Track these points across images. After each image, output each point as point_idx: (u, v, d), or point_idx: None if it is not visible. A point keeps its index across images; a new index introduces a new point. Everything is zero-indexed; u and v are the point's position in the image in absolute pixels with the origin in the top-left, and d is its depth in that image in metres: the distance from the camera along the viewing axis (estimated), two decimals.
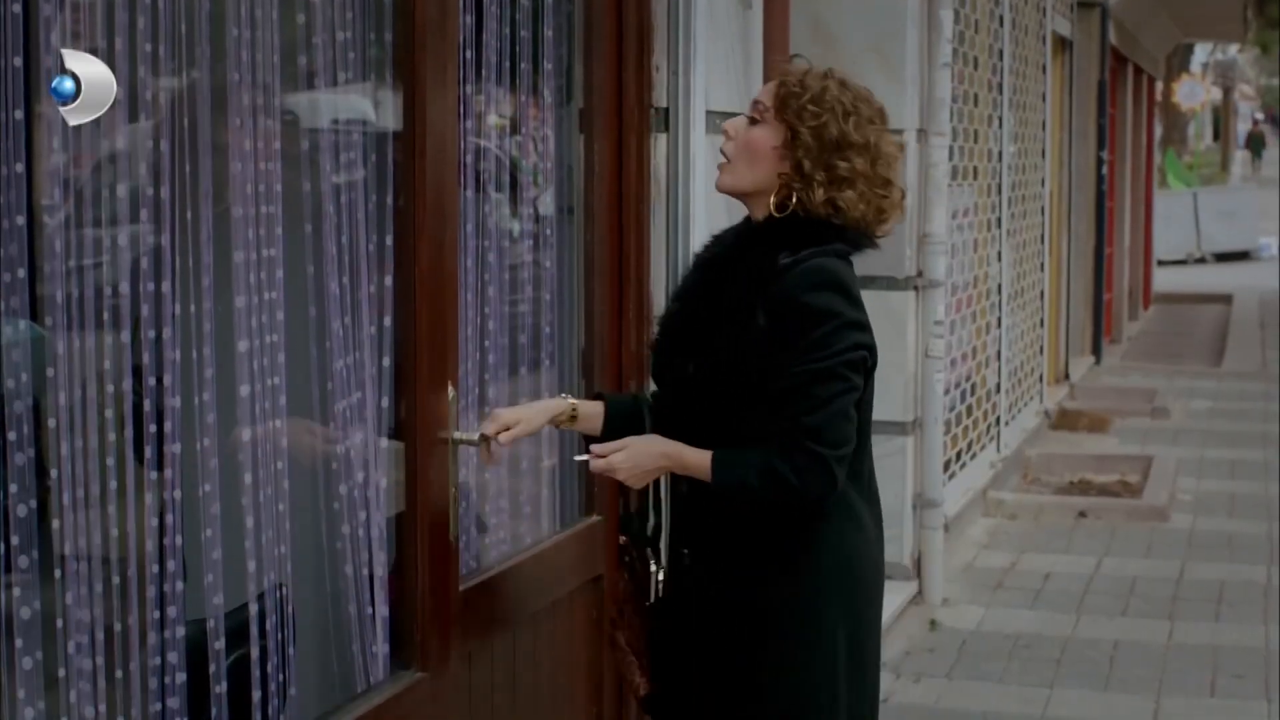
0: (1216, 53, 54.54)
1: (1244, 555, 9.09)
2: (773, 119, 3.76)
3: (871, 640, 4.02)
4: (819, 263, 3.65)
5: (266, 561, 3.67)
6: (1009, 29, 10.29)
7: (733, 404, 3.69)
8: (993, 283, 10.17)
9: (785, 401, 3.60)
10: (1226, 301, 22.66)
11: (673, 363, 3.82)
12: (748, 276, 3.69)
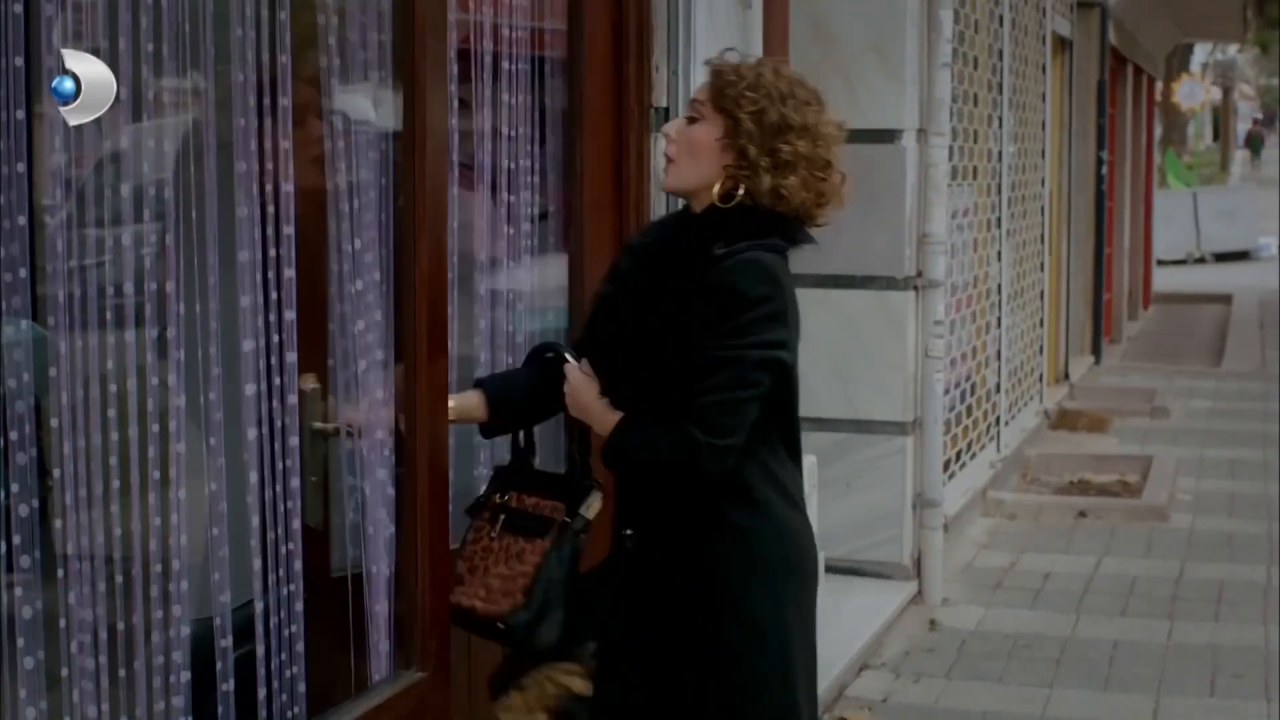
0: (1216, 53, 54.57)
1: (1243, 555, 9.09)
2: (711, 112, 3.76)
3: (811, 621, 4.05)
4: (754, 255, 3.65)
5: (271, 561, 3.68)
6: (1009, 29, 10.29)
7: (653, 389, 3.70)
8: (992, 283, 10.18)
9: (689, 380, 3.61)
10: (1226, 301, 22.66)
11: (600, 347, 3.87)
12: (681, 264, 3.70)
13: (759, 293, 3.62)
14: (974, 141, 9.41)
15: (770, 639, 3.82)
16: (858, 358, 7.87)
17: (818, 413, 7.72)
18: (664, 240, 3.87)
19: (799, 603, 3.92)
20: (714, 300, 3.60)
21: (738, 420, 3.62)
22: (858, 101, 7.73)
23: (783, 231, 3.75)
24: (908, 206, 7.78)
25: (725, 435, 3.60)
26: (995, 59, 10.04)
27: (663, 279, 3.73)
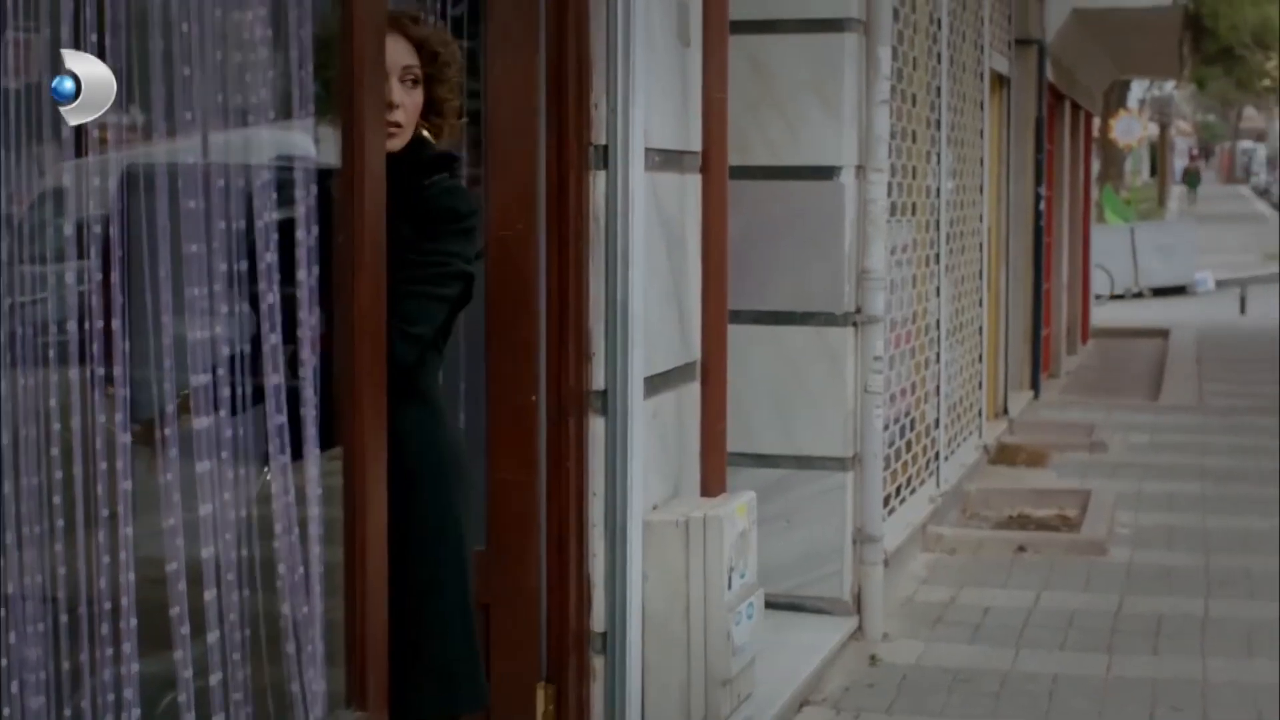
0: (1153, 89, 54.98)
1: (1181, 588, 9.14)
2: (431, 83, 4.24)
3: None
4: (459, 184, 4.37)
5: (223, 597, 3.67)
6: (947, 66, 10.36)
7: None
8: (931, 318, 10.22)
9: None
10: (1164, 336, 22.80)
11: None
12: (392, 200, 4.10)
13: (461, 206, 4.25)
14: (913, 178, 9.46)
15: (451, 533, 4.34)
16: (797, 394, 7.89)
17: (758, 449, 7.75)
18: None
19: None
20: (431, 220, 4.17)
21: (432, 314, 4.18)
22: (797, 138, 7.77)
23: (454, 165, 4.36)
24: (847, 242, 7.81)
25: (417, 323, 4.13)
26: (933, 96, 10.10)
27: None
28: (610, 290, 5.57)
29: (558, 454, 5.57)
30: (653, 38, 5.78)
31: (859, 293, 7.89)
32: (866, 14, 7.85)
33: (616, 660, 5.76)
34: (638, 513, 5.74)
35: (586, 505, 5.67)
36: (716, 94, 6.41)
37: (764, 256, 7.71)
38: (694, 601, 6.01)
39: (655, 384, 5.95)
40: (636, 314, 5.61)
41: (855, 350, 7.90)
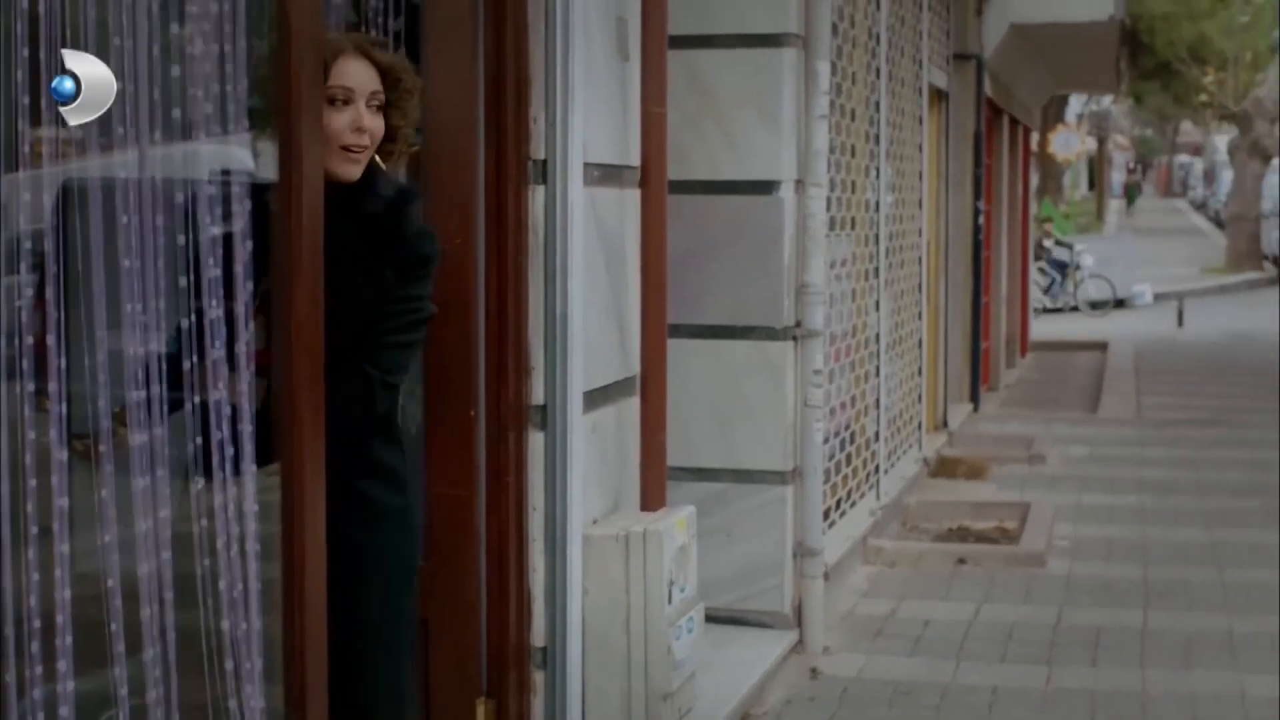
0: (1091, 104, 55.26)
1: (1120, 600, 9.18)
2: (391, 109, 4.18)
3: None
4: (424, 224, 4.33)
5: (160, 614, 3.65)
6: (885, 81, 10.40)
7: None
8: (871, 332, 10.25)
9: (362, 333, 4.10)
10: (1102, 349, 22.92)
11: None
12: (369, 243, 4.11)
13: (436, 254, 4.26)
14: (852, 192, 9.49)
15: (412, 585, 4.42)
16: (737, 407, 7.90)
17: (698, 463, 7.75)
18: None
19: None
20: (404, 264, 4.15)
21: (407, 361, 4.25)
22: (736, 152, 7.79)
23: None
24: (786, 257, 7.83)
25: (394, 373, 4.16)
26: (872, 110, 10.14)
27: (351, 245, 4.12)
28: (549, 304, 5.58)
29: (497, 468, 5.56)
30: (591, 52, 5.79)
31: (798, 307, 7.91)
32: (805, 29, 7.87)
33: (557, 675, 5.76)
34: (577, 527, 5.75)
35: (526, 520, 5.67)
36: (655, 108, 6.42)
37: (703, 271, 7.72)
38: (634, 615, 6.01)
39: (595, 398, 5.96)
40: (576, 328, 5.61)
41: (795, 364, 7.92)
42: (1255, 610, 8.88)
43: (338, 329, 4.03)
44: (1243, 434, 15.44)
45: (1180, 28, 44.84)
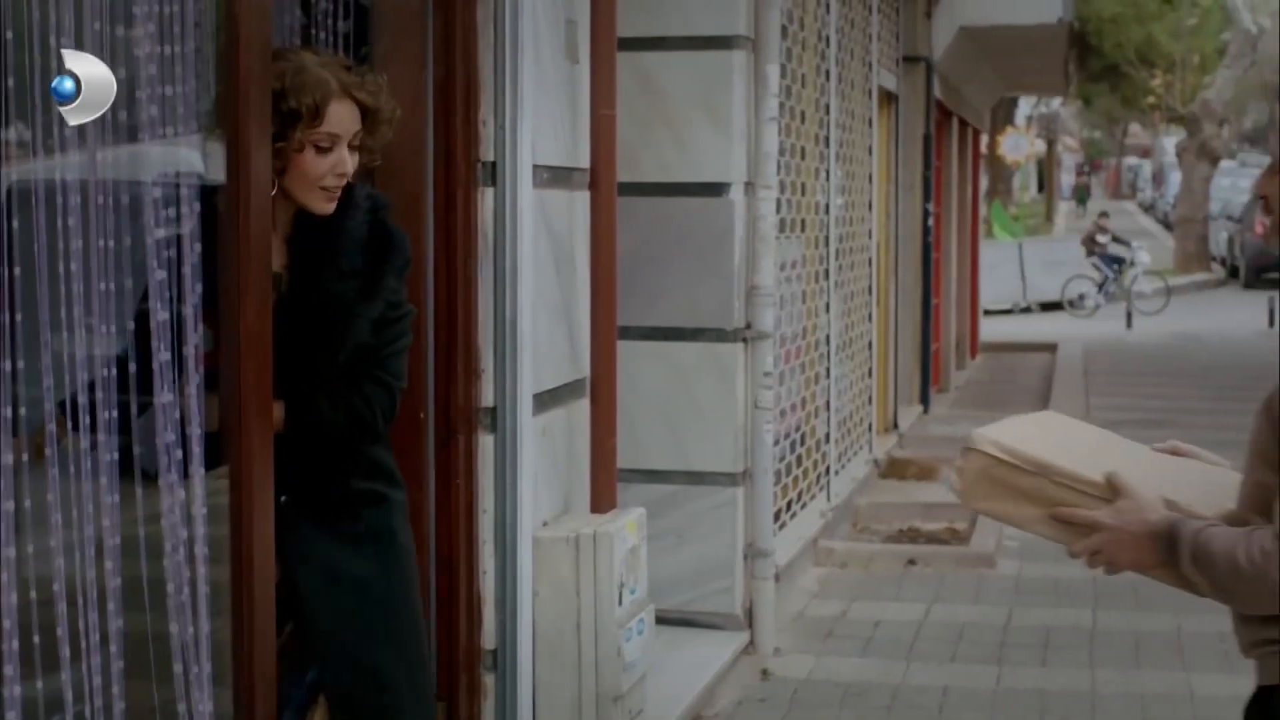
0: (1040, 106, 55.48)
1: (1069, 600, 9.22)
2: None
3: None
4: (398, 227, 4.26)
5: (108, 618, 3.64)
6: (835, 83, 10.42)
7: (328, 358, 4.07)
8: (821, 334, 10.27)
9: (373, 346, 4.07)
10: (1051, 350, 22.99)
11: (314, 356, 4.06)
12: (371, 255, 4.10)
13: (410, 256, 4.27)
14: (802, 194, 9.51)
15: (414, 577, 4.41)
16: (688, 410, 7.90)
17: (649, 464, 7.76)
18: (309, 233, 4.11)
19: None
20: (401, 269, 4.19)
21: (405, 363, 4.27)
22: (686, 155, 7.79)
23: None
24: (736, 259, 7.84)
25: (403, 378, 4.23)
26: (822, 113, 10.16)
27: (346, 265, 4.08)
28: (499, 307, 5.57)
29: (447, 471, 5.55)
30: (541, 55, 5.79)
31: (748, 309, 7.92)
32: (755, 31, 7.89)
33: (507, 677, 5.75)
34: (528, 529, 5.74)
35: (476, 522, 5.66)
36: (605, 111, 6.42)
37: (654, 273, 7.73)
38: (585, 618, 6.01)
39: (544, 400, 5.95)
40: (525, 331, 5.61)
41: (745, 366, 7.93)
42: (1202, 609, 8.77)
43: (331, 351, 4.03)
44: (1190, 434, 15.34)
45: (1128, 30, 45.09)
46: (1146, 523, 3.25)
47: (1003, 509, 3.52)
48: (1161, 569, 3.28)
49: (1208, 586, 3.18)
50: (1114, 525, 3.29)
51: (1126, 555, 3.29)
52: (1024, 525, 3.49)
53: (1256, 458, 3.19)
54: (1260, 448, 3.18)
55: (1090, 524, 3.33)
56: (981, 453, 3.53)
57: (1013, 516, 3.52)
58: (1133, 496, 3.30)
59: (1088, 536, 3.34)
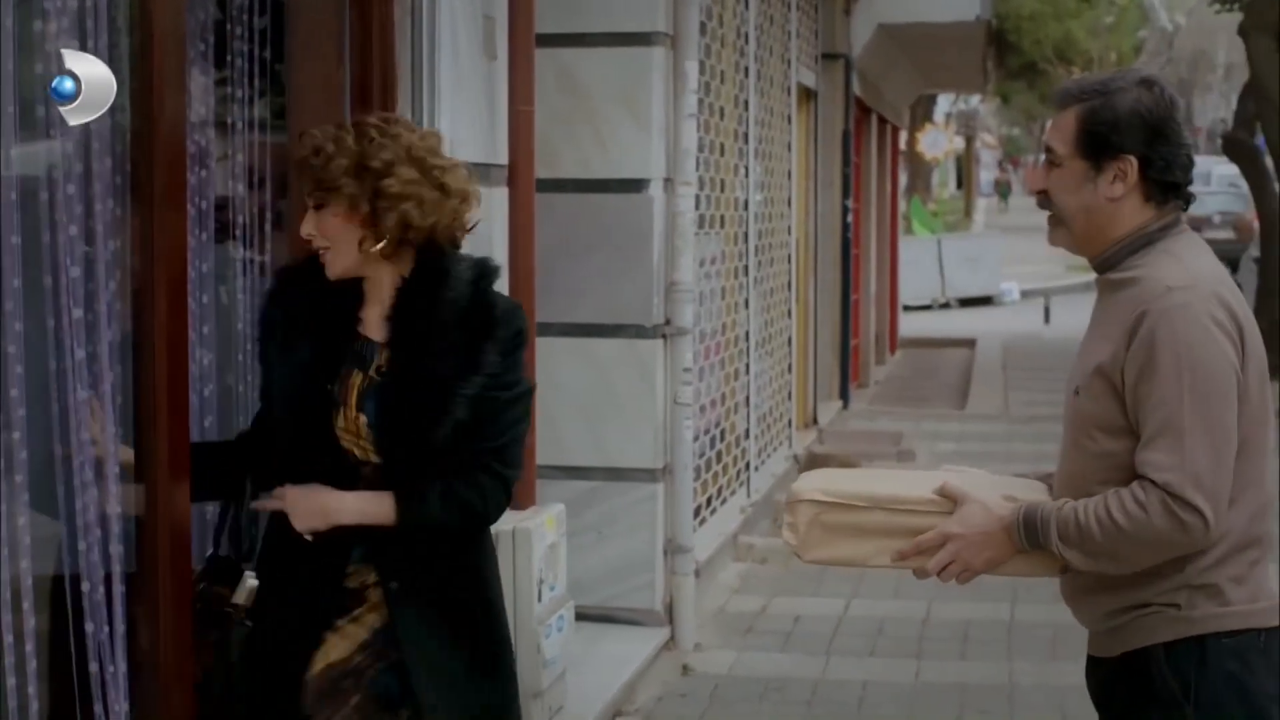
0: (959, 103, 55.73)
1: (988, 594, 9.23)
2: (331, 196, 3.84)
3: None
4: (508, 298, 4.05)
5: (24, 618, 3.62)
6: (754, 80, 10.44)
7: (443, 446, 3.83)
8: (741, 330, 10.29)
9: (473, 426, 3.80)
10: (970, 346, 23.11)
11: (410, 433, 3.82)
12: (467, 328, 3.82)
13: (526, 327, 3.92)
14: (721, 190, 9.52)
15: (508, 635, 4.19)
16: (607, 406, 7.91)
17: (568, 460, 7.76)
18: (410, 313, 3.87)
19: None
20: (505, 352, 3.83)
21: (523, 450, 3.97)
22: (606, 151, 7.80)
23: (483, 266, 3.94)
24: (656, 255, 7.84)
25: (520, 466, 3.94)
26: (741, 109, 10.18)
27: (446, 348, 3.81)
28: None
29: None
30: (458, 51, 5.78)
31: (668, 305, 7.93)
32: (674, 28, 7.90)
33: None
34: None
35: None
36: (523, 106, 6.42)
37: (573, 269, 7.73)
38: None
39: None
40: None
41: (665, 362, 7.94)
42: None
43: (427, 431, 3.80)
44: None
45: (1046, 28, 45.33)
46: (999, 519, 3.47)
47: (841, 552, 3.61)
48: (1018, 560, 3.49)
49: (1080, 558, 3.38)
50: (963, 531, 3.48)
51: (982, 556, 3.49)
52: (867, 562, 3.62)
53: (1096, 430, 3.45)
54: (1098, 421, 3.44)
55: (938, 540, 3.49)
56: (809, 501, 3.60)
57: (854, 557, 3.63)
58: (974, 500, 3.50)
59: (934, 554, 3.50)
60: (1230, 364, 3.35)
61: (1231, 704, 3.42)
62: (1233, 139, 20.96)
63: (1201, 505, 3.27)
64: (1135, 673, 3.48)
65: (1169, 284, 3.37)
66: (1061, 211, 3.58)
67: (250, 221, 5.06)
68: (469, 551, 3.98)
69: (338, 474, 3.87)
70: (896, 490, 3.59)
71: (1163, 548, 3.33)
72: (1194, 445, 3.28)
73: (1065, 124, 3.57)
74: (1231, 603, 3.42)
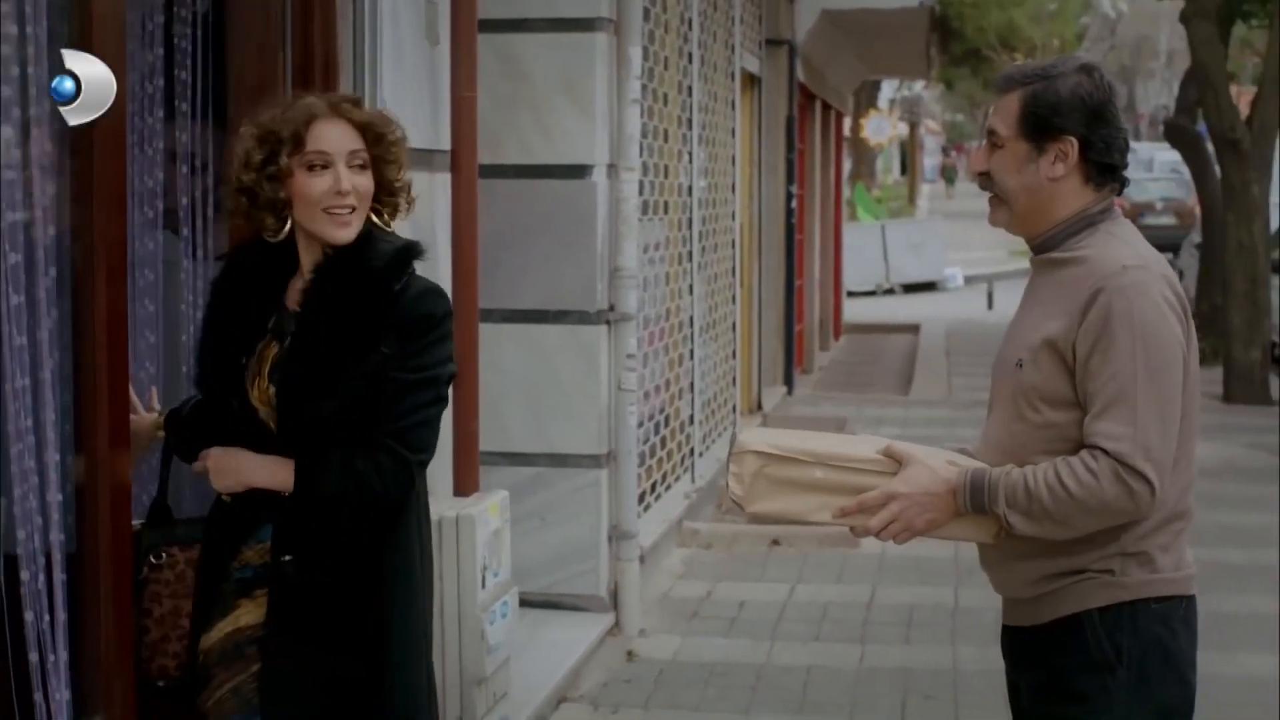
0: (903, 89, 55.90)
1: (932, 578, 9.29)
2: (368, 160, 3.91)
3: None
4: (427, 282, 3.91)
5: None
6: (698, 66, 10.44)
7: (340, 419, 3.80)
8: (685, 315, 10.29)
9: (379, 405, 3.78)
10: (914, 331, 23.18)
11: (302, 407, 3.81)
12: (361, 307, 3.81)
13: (436, 311, 3.87)
14: (665, 176, 9.52)
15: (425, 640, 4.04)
16: (551, 392, 7.90)
17: (512, 447, 7.75)
18: (319, 285, 3.87)
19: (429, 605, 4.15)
20: (408, 334, 3.79)
21: (434, 434, 3.92)
22: (549, 137, 7.79)
23: (414, 250, 3.95)
24: (599, 241, 7.84)
25: (425, 450, 3.87)
26: (685, 95, 10.17)
27: (347, 323, 3.80)
28: None
29: None
30: (400, 36, 5.76)
31: (612, 291, 7.92)
32: (617, 13, 7.89)
33: None
34: None
35: None
36: (466, 92, 6.40)
37: (517, 255, 7.72)
38: (447, 601, 6.00)
39: None
40: None
41: (608, 348, 7.93)
42: None
43: (332, 397, 3.77)
44: None
45: (989, 15, 45.51)
46: (945, 480, 3.55)
47: (784, 505, 3.64)
48: (956, 523, 3.58)
49: (1025, 522, 3.49)
50: (908, 491, 3.56)
51: (924, 517, 3.57)
52: (808, 516, 3.66)
53: (1040, 402, 3.55)
54: (1042, 393, 3.54)
55: (882, 499, 3.56)
56: (755, 453, 3.63)
57: (797, 511, 3.66)
58: (919, 461, 3.59)
59: (876, 513, 3.56)
60: (1179, 342, 3.49)
61: (1158, 666, 3.56)
62: (1175, 125, 21.06)
63: (1150, 475, 3.40)
64: (1067, 637, 3.62)
65: (1124, 263, 3.49)
66: (1004, 192, 3.68)
67: (191, 206, 5.04)
68: (381, 549, 3.90)
69: (257, 444, 3.88)
70: (842, 449, 3.64)
71: (1108, 515, 3.45)
72: (1146, 417, 3.41)
73: (1008, 107, 3.66)
74: (1161, 570, 3.57)
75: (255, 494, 3.87)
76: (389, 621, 3.88)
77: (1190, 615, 3.63)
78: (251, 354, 3.90)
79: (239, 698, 3.88)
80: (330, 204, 3.82)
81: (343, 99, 3.95)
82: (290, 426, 3.83)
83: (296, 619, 3.84)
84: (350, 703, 3.84)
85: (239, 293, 3.95)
